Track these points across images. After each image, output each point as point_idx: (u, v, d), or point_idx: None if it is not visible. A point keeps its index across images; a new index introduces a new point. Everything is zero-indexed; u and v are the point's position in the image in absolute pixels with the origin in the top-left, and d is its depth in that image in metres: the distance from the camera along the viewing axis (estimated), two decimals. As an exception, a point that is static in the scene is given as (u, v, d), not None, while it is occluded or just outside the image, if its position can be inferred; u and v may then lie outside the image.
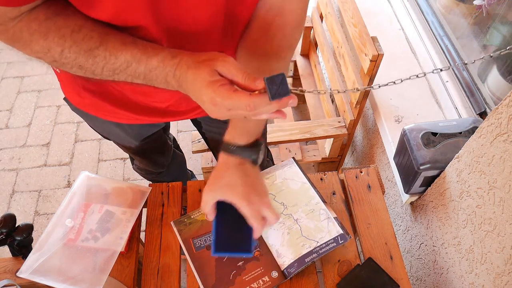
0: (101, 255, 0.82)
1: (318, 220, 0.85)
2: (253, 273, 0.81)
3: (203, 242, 0.85)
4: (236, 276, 0.80)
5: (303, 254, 0.81)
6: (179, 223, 0.87)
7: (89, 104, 0.83)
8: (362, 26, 1.22)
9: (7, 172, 1.93)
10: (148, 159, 1.19)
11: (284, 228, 0.84)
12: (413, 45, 1.40)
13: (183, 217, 0.88)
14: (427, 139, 0.92)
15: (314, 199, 0.88)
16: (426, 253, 1.09)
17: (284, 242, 0.83)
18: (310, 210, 0.86)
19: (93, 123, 0.99)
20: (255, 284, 0.79)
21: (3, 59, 2.42)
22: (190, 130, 2.07)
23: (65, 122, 2.11)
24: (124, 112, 0.84)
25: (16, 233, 0.81)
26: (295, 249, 0.82)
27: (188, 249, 0.84)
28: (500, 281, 0.75)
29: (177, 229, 0.87)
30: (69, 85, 0.82)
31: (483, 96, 1.07)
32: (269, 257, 0.82)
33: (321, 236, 0.83)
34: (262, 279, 0.80)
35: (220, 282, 0.80)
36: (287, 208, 0.87)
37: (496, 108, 0.68)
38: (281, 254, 0.82)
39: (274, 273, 0.80)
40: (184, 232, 0.86)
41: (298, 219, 0.85)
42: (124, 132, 0.99)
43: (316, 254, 0.81)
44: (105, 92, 0.79)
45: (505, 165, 0.68)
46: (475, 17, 1.19)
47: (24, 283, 0.81)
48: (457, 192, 0.86)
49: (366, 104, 1.41)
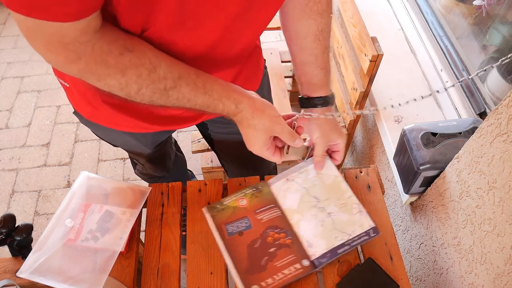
0: (101, 255, 0.82)
1: (350, 213, 0.86)
2: (285, 259, 0.82)
3: (236, 228, 0.86)
4: (268, 262, 0.81)
5: (335, 245, 0.82)
6: (212, 209, 0.88)
7: (104, 116, 0.83)
8: (362, 26, 1.22)
9: (7, 172, 1.93)
10: (157, 164, 1.19)
11: (317, 221, 0.86)
12: (413, 45, 1.40)
13: (216, 203, 0.90)
14: (427, 139, 0.92)
15: (347, 193, 0.89)
16: (426, 253, 1.09)
17: (317, 233, 0.84)
18: (343, 204, 0.87)
19: (104, 134, 0.98)
20: (286, 271, 0.80)
21: (3, 59, 2.42)
22: (190, 130, 2.07)
23: (65, 122, 2.11)
24: (140, 122, 0.83)
25: (16, 233, 0.81)
26: (328, 240, 0.83)
27: (221, 235, 0.85)
28: (500, 282, 0.75)
29: (210, 214, 0.88)
30: (82, 99, 0.81)
31: (483, 96, 1.07)
32: (300, 246, 0.83)
33: (353, 229, 0.84)
34: (294, 266, 0.81)
35: (252, 267, 0.81)
36: (320, 201, 0.88)
37: (496, 109, 0.68)
38: (312, 245, 0.83)
39: (305, 262, 0.81)
40: (217, 218, 0.87)
41: (331, 213, 0.86)
42: (137, 141, 0.99)
43: (348, 246, 0.82)
44: (125, 105, 0.78)
45: (505, 165, 0.68)
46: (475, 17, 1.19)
47: (24, 283, 0.81)
48: (457, 192, 0.86)
49: (366, 104, 1.41)
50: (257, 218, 0.87)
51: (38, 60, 2.41)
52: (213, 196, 0.94)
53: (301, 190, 0.89)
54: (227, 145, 1.11)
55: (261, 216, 0.87)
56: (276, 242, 0.84)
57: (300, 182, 0.90)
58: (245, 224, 0.86)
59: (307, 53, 0.79)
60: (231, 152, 1.15)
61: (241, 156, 1.14)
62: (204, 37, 0.63)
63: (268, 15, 0.69)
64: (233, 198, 0.90)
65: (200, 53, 0.66)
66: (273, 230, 0.85)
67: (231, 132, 1.04)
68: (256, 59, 0.92)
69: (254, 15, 0.65)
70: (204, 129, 1.10)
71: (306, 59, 0.79)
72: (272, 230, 0.85)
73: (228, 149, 1.14)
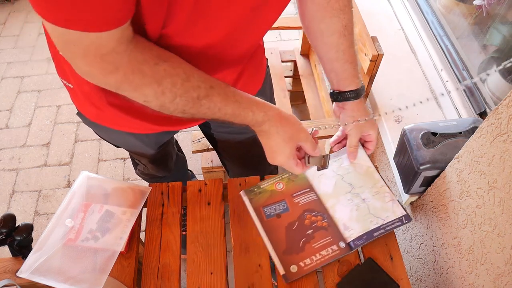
0: (101, 255, 0.82)
1: (383, 201, 0.89)
2: (322, 241, 0.85)
3: (273, 210, 0.89)
4: (306, 244, 0.84)
5: (371, 229, 0.85)
6: (250, 192, 0.92)
7: (109, 117, 0.83)
8: (362, 26, 1.22)
9: (7, 172, 1.93)
10: (159, 165, 1.19)
11: (352, 205, 0.89)
12: (413, 45, 1.40)
13: (253, 187, 0.93)
14: (427, 139, 0.92)
15: (379, 182, 0.92)
16: (426, 253, 1.09)
17: (353, 217, 0.87)
18: (376, 192, 0.91)
19: (107, 135, 0.98)
20: (324, 252, 0.83)
21: (3, 59, 2.42)
22: (190, 130, 2.07)
23: (65, 122, 2.11)
24: (145, 123, 0.84)
25: (16, 233, 0.81)
26: (363, 224, 0.86)
27: (259, 217, 0.88)
28: (500, 282, 0.75)
29: (248, 197, 0.91)
30: (86, 100, 0.81)
31: (483, 96, 1.07)
32: (336, 229, 0.86)
33: (387, 215, 0.87)
34: (331, 248, 0.84)
35: (290, 249, 0.84)
36: (355, 188, 0.92)
37: (496, 108, 0.68)
38: (348, 228, 0.86)
39: (341, 244, 0.84)
40: (254, 201, 0.91)
41: (365, 199, 0.90)
42: (141, 142, 0.99)
43: (383, 230, 0.86)
44: (132, 107, 0.78)
45: (505, 165, 0.68)
46: (475, 17, 1.19)
47: (24, 283, 0.81)
48: (457, 192, 0.86)
49: (366, 104, 1.41)
50: (294, 201, 0.90)
51: (38, 60, 2.41)
52: (213, 196, 0.94)
53: (335, 177, 0.93)
54: (230, 145, 1.11)
55: (298, 199, 0.90)
56: (313, 224, 0.87)
57: (335, 169, 0.94)
58: (283, 207, 0.89)
59: (334, 50, 0.81)
60: (233, 152, 1.16)
61: (243, 156, 1.14)
62: (213, 34, 0.63)
63: (275, 14, 0.70)
64: (270, 182, 0.93)
65: (207, 50, 0.66)
66: (310, 213, 0.88)
67: (233, 132, 1.05)
68: (259, 58, 0.93)
69: (263, 13, 0.65)
70: (207, 129, 1.10)
71: (334, 55, 0.81)
72: (309, 213, 0.88)
73: (230, 149, 1.14)
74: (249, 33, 0.71)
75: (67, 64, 0.73)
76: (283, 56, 1.91)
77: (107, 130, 0.89)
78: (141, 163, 1.19)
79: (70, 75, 0.76)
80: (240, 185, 0.96)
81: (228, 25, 0.62)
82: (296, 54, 1.92)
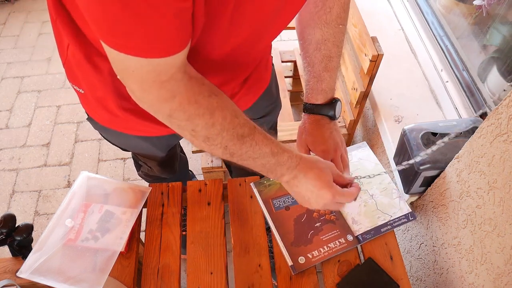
0: (101, 255, 0.82)
1: (391, 197, 0.91)
2: (330, 234, 0.86)
3: (282, 203, 0.91)
4: (314, 236, 0.86)
5: (379, 224, 0.88)
6: (259, 185, 0.93)
7: (122, 122, 0.82)
8: (362, 26, 1.22)
9: (7, 172, 1.93)
10: (165, 167, 1.19)
11: (361, 201, 0.91)
12: (413, 45, 1.40)
13: (263, 179, 0.95)
14: (427, 139, 0.92)
15: (387, 179, 0.94)
16: (426, 253, 1.09)
17: (361, 212, 0.89)
18: (384, 188, 0.93)
19: (118, 140, 0.97)
20: (332, 244, 0.85)
21: (3, 59, 2.42)
22: (190, 130, 2.06)
23: (65, 122, 2.11)
24: (157, 126, 0.83)
25: (16, 233, 0.81)
26: (371, 219, 0.88)
27: (268, 209, 0.90)
28: (500, 282, 0.75)
29: (257, 190, 0.93)
30: (98, 105, 0.80)
31: (483, 96, 1.07)
32: (344, 223, 0.88)
33: (394, 212, 0.89)
34: (339, 240, 0.86)
35: (298, 240, 0.85)
36: (363, 184, 0.94)
37: (496, 109, 0.68)
38: (357, 222, 0.88)
39: (349, 237, 0.86)
40: (264, 193, 0.92)
41: (373, 195, 0.92)
42: (152, 145, 0.98)
43: (390, 226, 0.88)
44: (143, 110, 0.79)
45: (505, 165, 0.68)
46: (475, 17, 1.19)
47: (24, 283, 0.81)
48: (457, 192, 0.86)
49: (366, 104, 1.41)
50: None
51: (38, 60, 2.41)
52: (213, 196, 0.94)
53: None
54: None
55: None
56: (321, 217, 0.89)
57: None
58: (292, 200, 0.91)
59: (308, 60, 0.81)
60: None
61: None
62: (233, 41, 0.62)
63: (291, 15, 0.69)
64: None
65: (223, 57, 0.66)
66: None
67: None
68: (267, 57, 0.94)
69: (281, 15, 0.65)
70: None
71: (306, 64, 0.82)
72: None
73: None
74: (266, 36, 0.70)
75: (79, 70, 0.72)
76: (283, 56, 1.91)
77: (118, 134, 0.88)
78: (146, 165, 1.18)
79: (82, 80, 0.75)
80: (240, 185, 0.96)
81: (249, 30, 0.61)
82: (296, 54, 1.92)
